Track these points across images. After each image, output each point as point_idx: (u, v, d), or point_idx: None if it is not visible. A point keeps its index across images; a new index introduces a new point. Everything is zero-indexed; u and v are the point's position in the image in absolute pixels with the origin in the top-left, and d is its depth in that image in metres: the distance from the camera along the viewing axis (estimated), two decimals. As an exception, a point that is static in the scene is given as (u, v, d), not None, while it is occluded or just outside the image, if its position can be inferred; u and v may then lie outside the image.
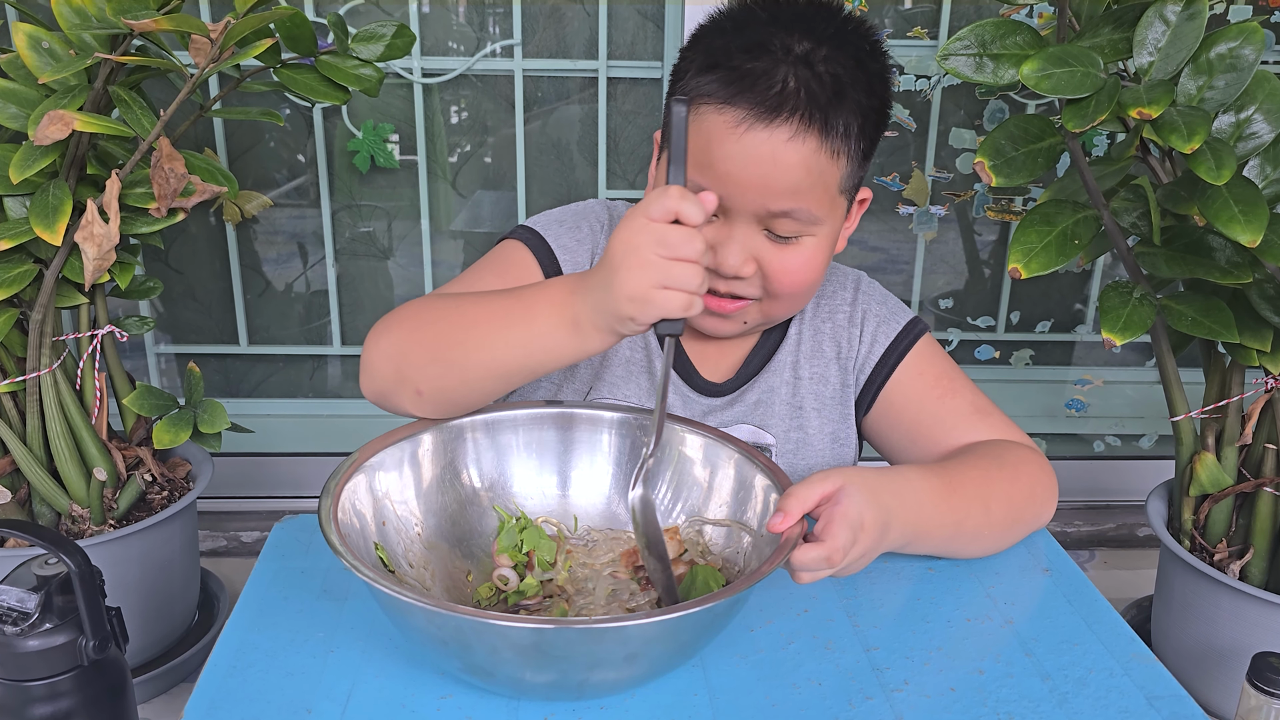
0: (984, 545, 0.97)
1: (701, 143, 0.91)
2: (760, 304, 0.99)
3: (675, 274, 0.75)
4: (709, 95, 0.91)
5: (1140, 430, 2.21)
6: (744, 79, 0.89)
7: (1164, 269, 1.32)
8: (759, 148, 0.89)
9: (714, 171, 0.91)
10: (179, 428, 1.47)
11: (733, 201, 0.92)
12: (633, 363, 1.07)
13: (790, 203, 0.91)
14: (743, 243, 0.94)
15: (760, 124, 0.89)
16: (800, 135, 0.89)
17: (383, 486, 0.87)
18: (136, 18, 1.16)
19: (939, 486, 0.92)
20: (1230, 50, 1.24)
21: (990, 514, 0.95)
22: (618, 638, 0.70)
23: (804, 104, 0.88)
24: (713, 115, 0.91)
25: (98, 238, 1.29)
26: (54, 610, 0.90)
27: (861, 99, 0.91)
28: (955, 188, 2.01)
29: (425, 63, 1.88)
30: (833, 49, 0.91)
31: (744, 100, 0.89)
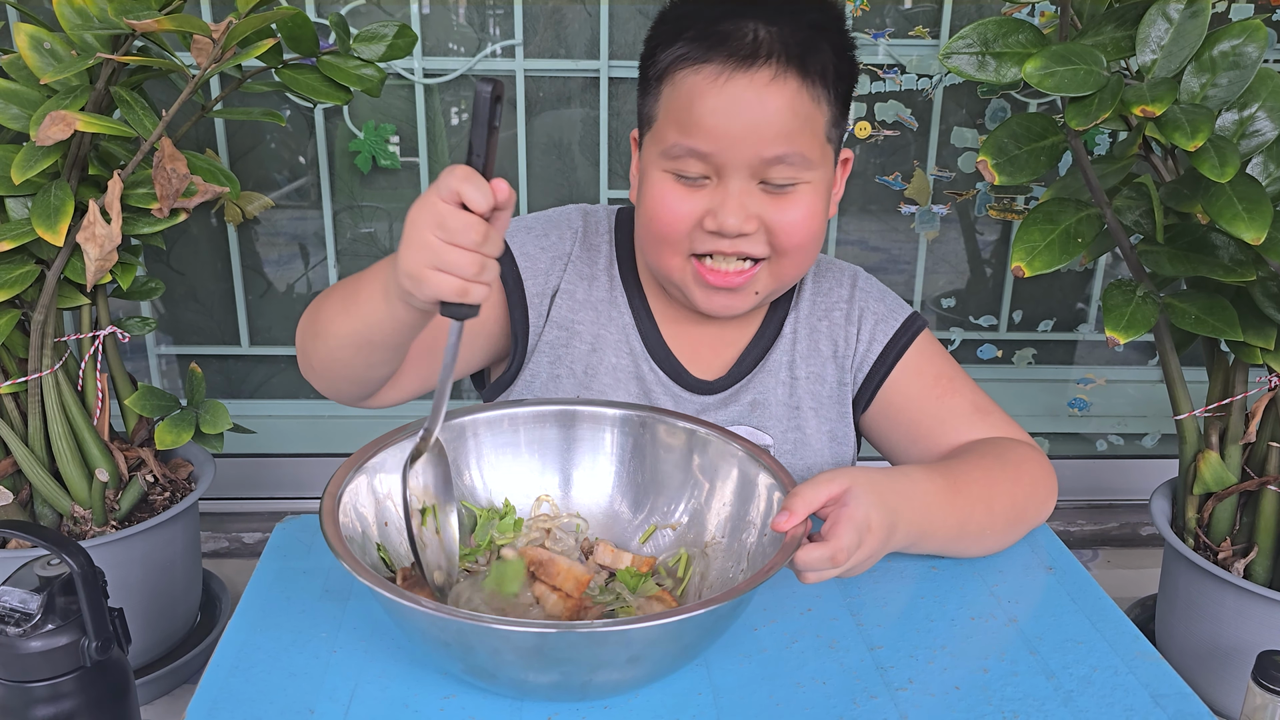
0: (987, 545, 0.97)
1: (684, 104, 0.92)
2: (769, 265, 0.97)
3: (449, 258, 0.73)
4: (683, 58, 0.92)
5: (1143, 429, 2.20)
6: (715, 35, 0.91)
7: (1167, 267, 1.31)
8: (743, 94, 0.90)
9: (702, 129, 0.91)
10: (181, 428, 1.47)
11: (725, 156, 0.92)
12: (620, 369, 1.07)
13: (783, 146, 0.91)
14: (740, 200, 0.93)
15: (740, 72, 0.90)
16: (780, 76, 0.90)
17: (384, 487, 0.86)
18: (138, 18, 1.16)
19: (944, 487, 0.92)
20: (1233, 48, 1.23)
21: (994, 514, 0.95)
22: (620, 640, 0.70)
23: (779, 48, 0.90)
24: (690, 75, 0.91)
25: (99, 238, 1.29)
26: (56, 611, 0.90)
27: (829, 55, 0.93)
28: (957, 187, 2.01)
29: (426, 63, 1.88)
30: (795, 10, 0.93)
31: (718, 53, 0.90)
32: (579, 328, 1.06)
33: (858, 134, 1.95)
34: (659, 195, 0.95)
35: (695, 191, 0.94)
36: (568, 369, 1.06)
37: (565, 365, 1.06)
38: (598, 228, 1.10)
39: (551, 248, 1.07)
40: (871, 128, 1.95)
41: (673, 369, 1.06)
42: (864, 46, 1.91)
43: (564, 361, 1.06)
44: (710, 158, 0.92)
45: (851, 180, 2.00)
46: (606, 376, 1.06)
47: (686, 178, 0.94)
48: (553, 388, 1.06)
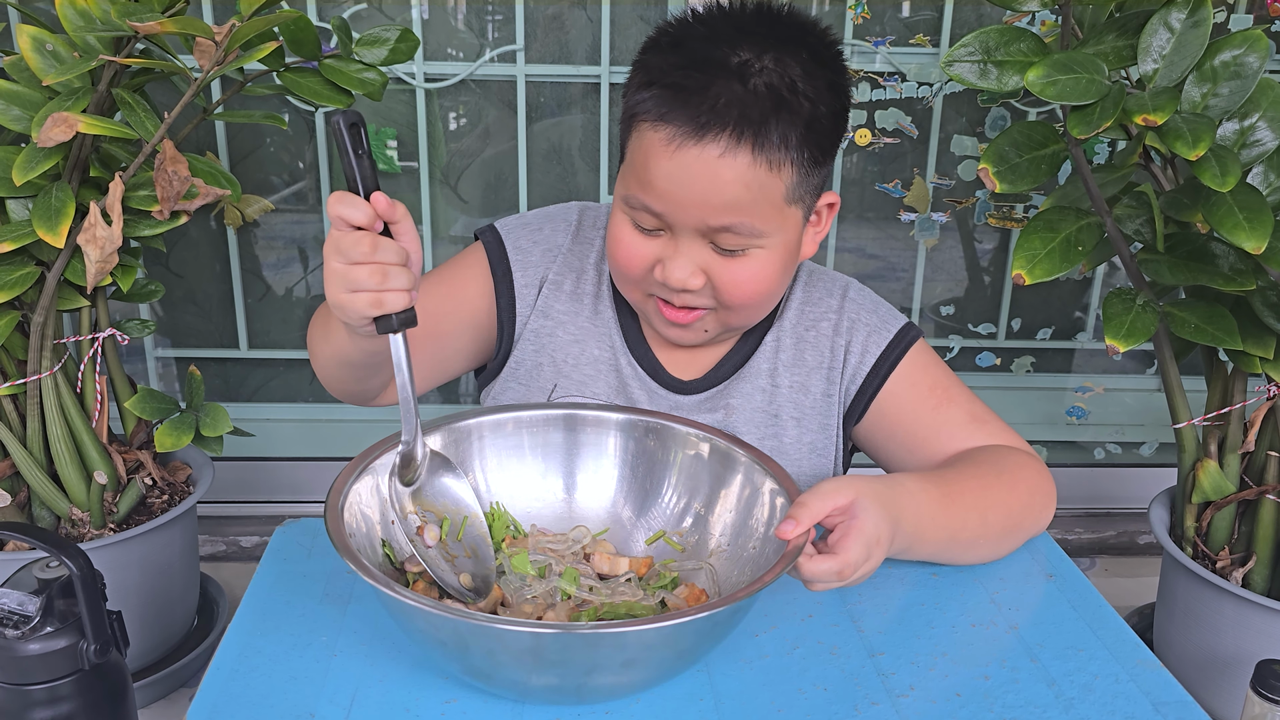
0: (981, 553, 0.97)
1: (641, 159, 0.92)
2: (716, 313, 0.99)
3: (354, 277, 0.78)
4: (645, 112, 0.91)
5: (1141, 438, 2.21)
6: (676, 96, 0.89)
7: (1167, 276, 1.32)
8: (691, 165, 0.89)
9: (654, 189, 0.92)
10: (181, 431, 1.47)
11: (674, 217, 0.92)
12: (600, 361, 1.07)
13: (729, 217, 0.91)
14: (689, 256, 0.94)
15: (690, 141, 0.88)
16: (730, 151, 0.88)
17: (388, 488, 0.86)
18: (141, 20, 1.16)
19: (938, 496, 0.92)
20: (1234, 58, 1.24)
21: (987, 522, 0.95)
22: (615, 643, 0.69)
23: (734, 120, 0.88)
24: (650, 132, 0.91)
25: (100, 240, 1.29)
26: (55, 614, 0.90)
27: (805, 106, 0.90)
28: (956, 195, 2.02)
29: (428, 68, 1.88)
30: (777, 57, 0.90)
31: (675, 118, 0.89)
32: (564, 318, 1.08)
33: (858, 141, 1.95)
34: (618, 235, 0.97)
35: (650, 239, 0.96)
36: (549, 357, 1.08)
37: (547, 354, 1.08)
38: (595, 223, 1.11)
39: (544, 240, 1.09)
40: (871, 135, 1.95)
41: (650, 366, 1.07)
42: (864, 54, 1.91)
43: (546, 350, 1.08)
44: (662, 216, 0.93)
45: (850, 187, 2.01)
46: (587, 367, 1.07)
47: (643, 228, 0.95)
48: (535, 375, 1.08)
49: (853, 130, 1.95)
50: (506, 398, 1.10)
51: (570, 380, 1.07)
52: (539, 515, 0.94)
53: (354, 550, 0.75)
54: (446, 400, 2.15)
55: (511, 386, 1.09)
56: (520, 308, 1.08)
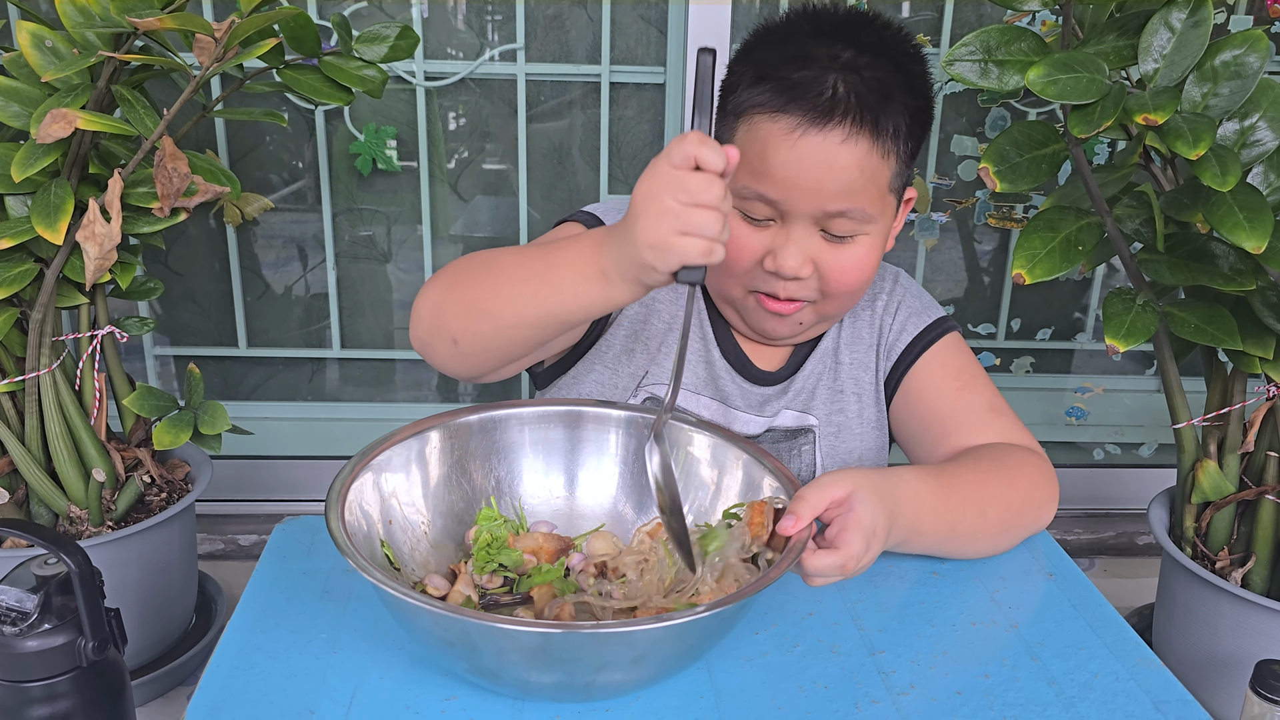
0: (980, 547, 0.97)
1: (758, 150, 0.95)
2: (815, 305, 1.02)
3: (694, 220, 0.74)
4: (761, 105, 0.95)
5: (1140, 438, 2.20)
6: (794, 88, 0.93)
7: (1167, 276, 1.31)
8: (814, 152, 0.93)
9: (772, 178, 0.94)
10: (179, 429, 1.47)
11: (790, 205, 0.95)
12: (693, 352, 1.10)
13: (846, 203, 0.94)
14: (800, 245, 0.97)
15: (814, 129, 0.92)
16: (853, 138, 0.92)
17: (389, 485, 0.86)
18: (141, 16, 1.16)
19: (936, 489, 0.93)
20: (1235, 58, 1.24)
21: (986, 517, 0.96)
22: (624, 641, 0.69)
23: (855, 107, 0.92)
24: (767, 124, 0.94)
25: (99, 237, 1.29)
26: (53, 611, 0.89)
27: (906, 100, 0.95)
28: (956, 195, 2.02)
29: (428, 66, 1.88)
30: (874, 55, 0.95)
31: (796, 107, 0.93)
32: (659, 306, 1.10)
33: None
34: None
35: (760, 231, 0.98)
36: (643, 345, 1.10)
37: (641, 341, 1.10)
38: None
39: None
40: (871, 135, 1.95)
41: (739, 361, 1.10)
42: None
43: (640, 337, 1.10)
44: (777, 204, 0.96)
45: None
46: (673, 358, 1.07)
47: (752, 218, 0.98)
48: (624, 360, 1.09)
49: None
50: (589, 381, 1.09)
51: (660, 368, 1.09)
52: (539, 512, 0.94)
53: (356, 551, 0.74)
54: (445, 399, 2.15)
55: (596, 369, 1.10)
56: None
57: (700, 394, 1.10)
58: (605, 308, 0.83)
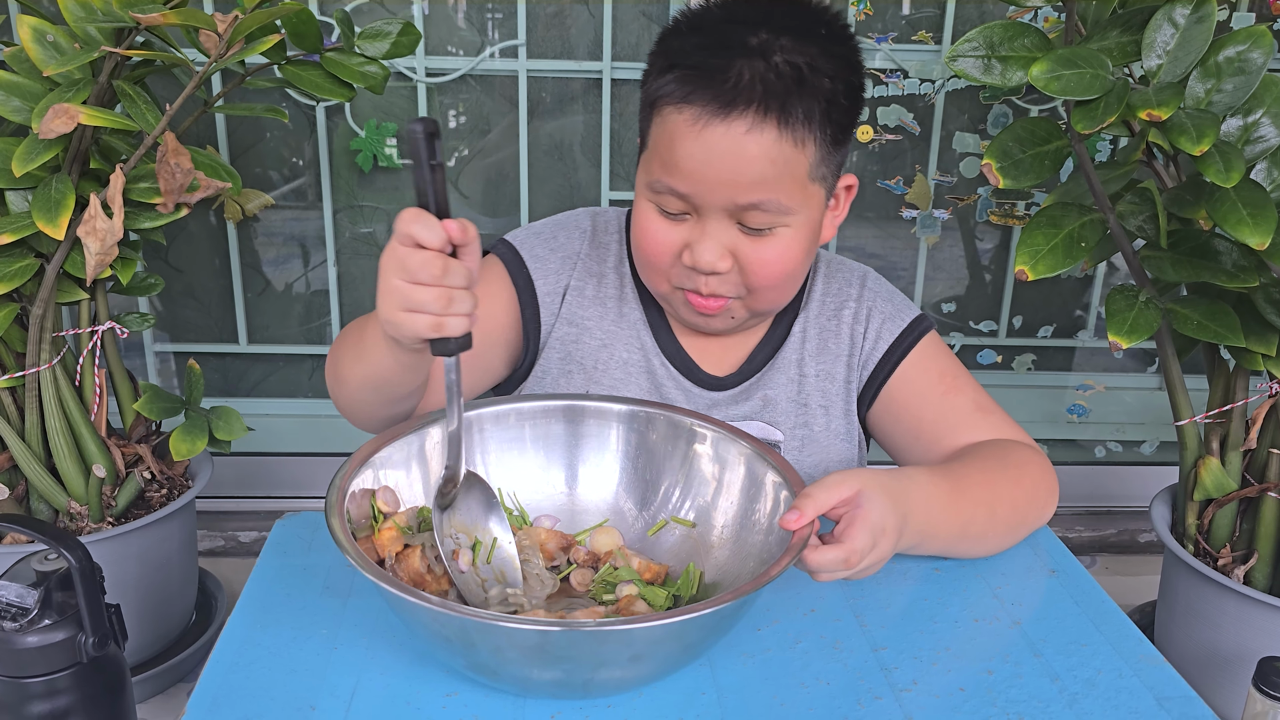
0: (988, 546, 0.97)
1: (666, 142, 0.93)
2: (742, 301, 0.99)
3: (416, 298, 0.75)
4: (668, 95, 0.92)
5: (1141, 436, 2.20)
6: (700, 77, 0.90)
7: (1170, 272, 1.31)
8: (718, 143, 0.90)
9: (680, 170, 0.92)
10: (195, 436, 1.46)
11: (702, 198, 0.93)
12: (630, 364, 1.07)
13: (757, 194, 0.91)
14: (716, 238, 0.94)
15: (717, 119, 0.89)
16: (757, 126, 0.89)
17: (390, 482, 0.86)
18: (144, 11, 1.15)
19: (947, 490, 0.92)
20: (1239, 54, 1.23)
21: (995, 516, 0.95)
22: (623, 639, 0.69)
23: (759, 95, 0.89)
24: (674, 115, 0.92)
25: (100, 232, 1.28)
26: (53, 606, 0.89)
27: (825, 84, 0.91)
28: (958, 192, 2.01)
29: (429, 63, 1.88)
30: (794, 39, 0.91)
31: (699, 97, 0.90)
32: (589, 324, 1.08)
33: (859, 138, 1.95)
34: (644, 223, 0.98)
35: (677, 225, 0.96)
36: (578, 365, 1.07)
37: (575, 361, 1.07)
38: (606, 228, 1.11)
39: (561, 248, 1.09)
40: (873, 132, 1.95)
41: (684, 364, 1.07)
42: (867, 51, 1.91)
43: (574, 357, 1.07)
44: (688, 197, 0.93)
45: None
46: (617, 371, 1.07)
47: (668, 213, 0.96)
48: (563, 383, 1.07)
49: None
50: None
51: (600, 385, 1.07)
52: (540, 507, 0.93)
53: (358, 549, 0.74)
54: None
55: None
56: (545, 316, 1.08)
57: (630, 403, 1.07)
58: (401, 366, 0.88)
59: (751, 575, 0.79)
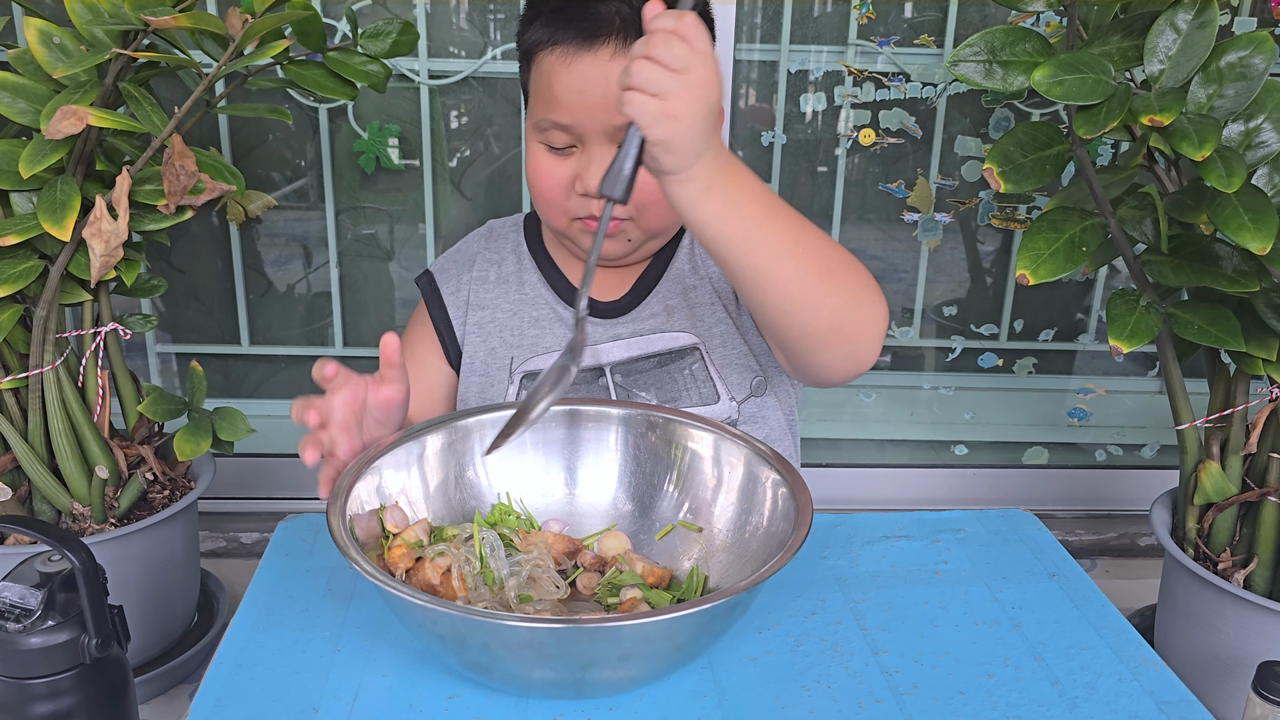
0: (795, 271, 0.86)
1: (545, 82, 1.01)
2: (635, 222, 1.05)
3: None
4: (540, 41, 1.01)
5: (1142, 440, 2.20)
6: (564, 20, 0.99)
7: (1171, 277, 1.32)
8: (588, 72, 0.98)
9: (560, 104, 1.00)
10: (199, 437, 1.47)
11: (583, 126, 1.00)
12: (542, 320, 1.14)
13: None
14: (601, 162, 1.00)
15: (584, 51, 0.98)
16: (620, 52, 0.98)
17: (391, 486, 0.86)
18: (154, 14, 1.16)
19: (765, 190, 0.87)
20: (1240, 59, 1.24)
21: (805, 234, 0.87)
22: (610, 637, 0.69)
23: (620, 26, 0.98)
24: (547, 57, 1.01)
25: (106, 234, 1.29)
26: (57, 607, 0.90)
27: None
28: (960, 195, 2.02)
29: (431, 65, 1.88)
30: None
31: (565, 34, 0.99)
32: (497, 301, 1.17)
33: (861, 141, 1.95)
34: (534, 164, 1.06)
35: (565, 159, 1.04)
36: (499, 340, 1.15)
37: (497, 337, 1.15)
38: (504, 226, 1.23)
39: (462, 257, 1.21)
40: (875, 135, 1.95)
41: (572, 296, 1.14)
42: (868, 54, 1.91)
43: (494, 334, 1.16)
44: (571, 129, 1.01)
45: (853, 187, 2.00)
46: (531, 330, 1.15)
47: (555, 148, 1.03)
48: (490, 360, 1.15)
49: (856, 130, 1.95)
50: (471, 394, 1.17)
51: (522, 347, 1.14)
52: (542, 511, 0.94)
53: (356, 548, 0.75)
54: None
55: (473, 380, 1.16)
56: (454, 315, 1.18)
57: (552, 351, 1.13)
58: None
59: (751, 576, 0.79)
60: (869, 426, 2.19)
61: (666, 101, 0.75)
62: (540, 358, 1.14)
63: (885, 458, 2.20)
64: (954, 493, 2.16)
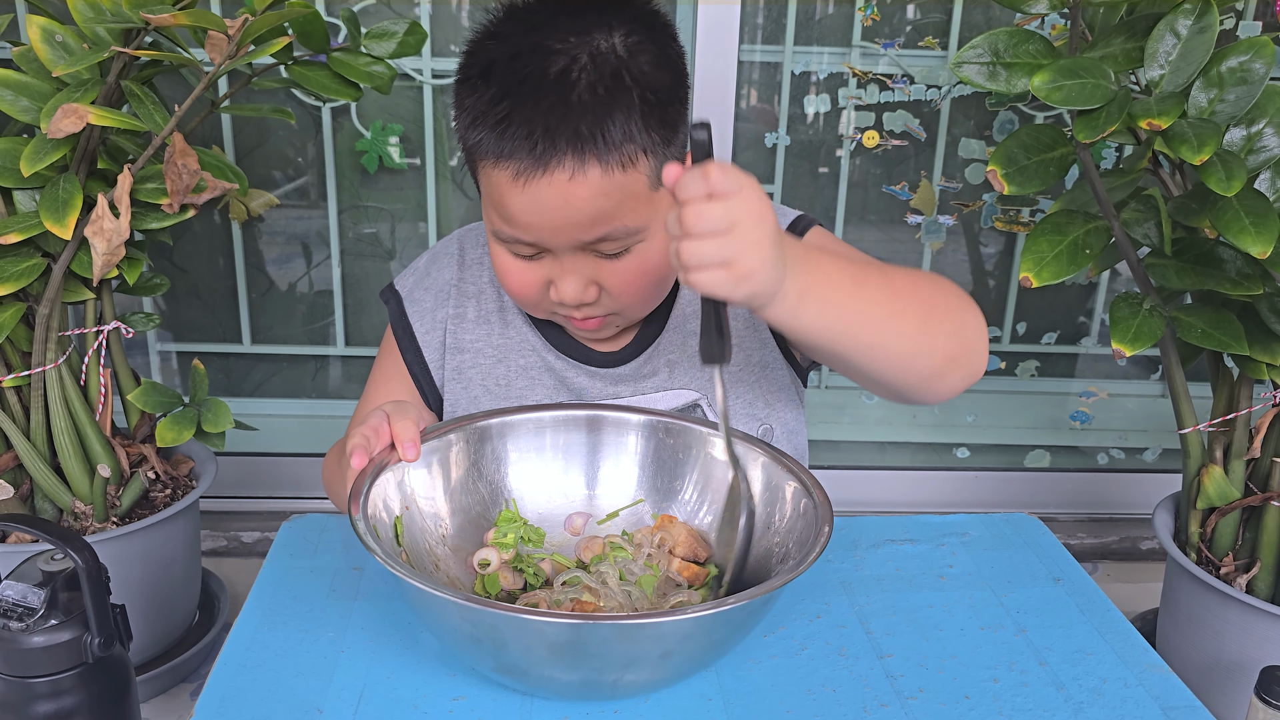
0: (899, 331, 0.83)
1: (497, 196, 0.90)
2: (619, 314, 0.98)
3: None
4: (485, 152, 0.88)
5: (1144, 443, 2.20)
6: (505, 132, 0.86)
7: (1174, 280, 1.32)
8: (544, 195, 0.86)
9: (517, 223, 0.90)
10: (182, 426, 1.47)
11: (547, 243, 0.91)
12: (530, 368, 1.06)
13: (601, 229, 0.88)
14: (576, 272, 0.92)
15: (537, 173, 0.86)
16: (580, 171, 0.85)
17: (411, 485, 0.86)
18: (154, 12, 1.16)
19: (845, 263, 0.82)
20: (1241, 64, 1.24)
21: (893, 286, 0.84)
22: (654, 634, 0.69)
23: (568, 138, 0.84)
24: (494, 171, 0.88)
25: (108, 233, 1.29)
26: (59, 607, 0.89)
27: (635, 89, 0.86)
28: (963, 198, 2.01)
29: (434, 64, 1.88)
30: (591, 49, 0.86)
31: (512, 153, 0.86)
32: (478, 345, 1.07)
33: (865, 143, 1.95)
34: (504, 267, 0.96)
35: (535, 264, 0.94)
36: (481, 388, 1.07)
37: (479, 386, 1.07)
38: (477, 243, 1.10)
39: (434, 284, 1.09)
40: (879, 137, 1.95)
41: (580, 353, 1.05)
42: (872, 56, 1.91)
43: (476, 381, 1.07)
44: (535, 244, 0.91)
45: (856, 189, 2.00)
46: (519, 379, 1.06)
47: (521, 255, 0.94)
48: (475, 408, 1.06)
49: (860, 132, 1.95)
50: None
51: (509, 400, 1.06)
52: (560, 515, 0.94)
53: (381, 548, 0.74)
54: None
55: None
56: (430, 356, 1.08)
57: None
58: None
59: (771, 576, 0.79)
60: (871, 429, 2.19)
61: (733, 267, 0.69)
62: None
63: (887, 460, 2.20)
64: (956, 495, 2.16)
